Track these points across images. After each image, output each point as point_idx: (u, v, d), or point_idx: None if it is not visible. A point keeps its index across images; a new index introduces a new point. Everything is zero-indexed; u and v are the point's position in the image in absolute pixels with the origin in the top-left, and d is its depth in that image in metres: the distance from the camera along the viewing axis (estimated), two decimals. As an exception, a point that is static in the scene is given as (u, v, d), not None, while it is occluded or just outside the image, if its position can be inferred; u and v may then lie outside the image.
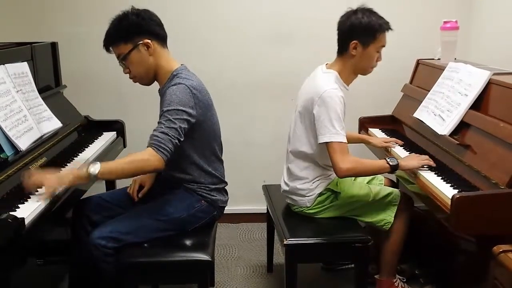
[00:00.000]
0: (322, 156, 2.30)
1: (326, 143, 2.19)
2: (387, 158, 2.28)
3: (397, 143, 2.70)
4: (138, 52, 2.15)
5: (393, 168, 2.24)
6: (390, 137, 2.82)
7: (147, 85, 2.27)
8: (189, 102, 2.08)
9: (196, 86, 2.14)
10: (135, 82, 2.24)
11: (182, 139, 2.05)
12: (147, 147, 2.00)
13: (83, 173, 1.93)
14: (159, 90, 2.26)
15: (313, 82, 2.32)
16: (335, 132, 2.17)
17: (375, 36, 2.26)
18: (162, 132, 2.00)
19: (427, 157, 2.32)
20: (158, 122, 2.06)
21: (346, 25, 2.27)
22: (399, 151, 2.62)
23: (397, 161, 2.25)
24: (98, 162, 1.96)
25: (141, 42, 2.13)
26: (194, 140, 2.17)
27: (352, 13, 2.28)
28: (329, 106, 2.18)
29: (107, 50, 2.19)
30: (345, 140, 2.19)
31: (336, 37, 2.34)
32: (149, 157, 1.97)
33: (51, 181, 1.92)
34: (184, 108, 2.06)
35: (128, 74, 2.22)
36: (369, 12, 2.28)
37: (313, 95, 2.24)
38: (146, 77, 2.22)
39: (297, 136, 2.36)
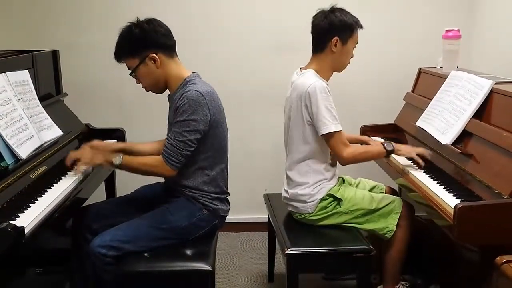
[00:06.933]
0: (323, 151, 2.37)
1: (324, 135, 2.28)
2: (384, 143, 2.43)
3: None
4: (146, 65, 2.17)
5: (389, 152, 2.41)
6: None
7: (159, 93, 2.30)
8: (201, 109, 2.10)
9: (209, 92, 2.16)
10: (148, 91, 2.28)
11: (193, 148, 2.12)
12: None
13: (110, 160, 2.15)
14: (168, 96, 2.27)
15: (295, 86, 2.38)
16: (328, 122, 2.26)
17: (352, 33, 2.36)
18: (171, 144, 2.11)
19: (422, 148, 2.44)
20: (172, 132, 2.12)
21: (324, 24, 2.34)
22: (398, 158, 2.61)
23: (393, 146, 2.41)
24: (121, 155, 2.17)
25: (147, 56, 2.14)
26: (203, 145, 2.17)
27: (329, 12, 2.36)
28: (318, 99, 2.25)
29: (118, 62, 2.22)
30: (340, 128, 2.28)
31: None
32: (159, 165, 2.13)
33: (87, 157, 2.19)
34: (195, 117, 2.09)
35: (140, 84, 2.25)
36: (344, 11, 2.37)
37: (299, 94, 2.32)
38: (156, 87, 2.26)
39: (295, 140, 2.39)
